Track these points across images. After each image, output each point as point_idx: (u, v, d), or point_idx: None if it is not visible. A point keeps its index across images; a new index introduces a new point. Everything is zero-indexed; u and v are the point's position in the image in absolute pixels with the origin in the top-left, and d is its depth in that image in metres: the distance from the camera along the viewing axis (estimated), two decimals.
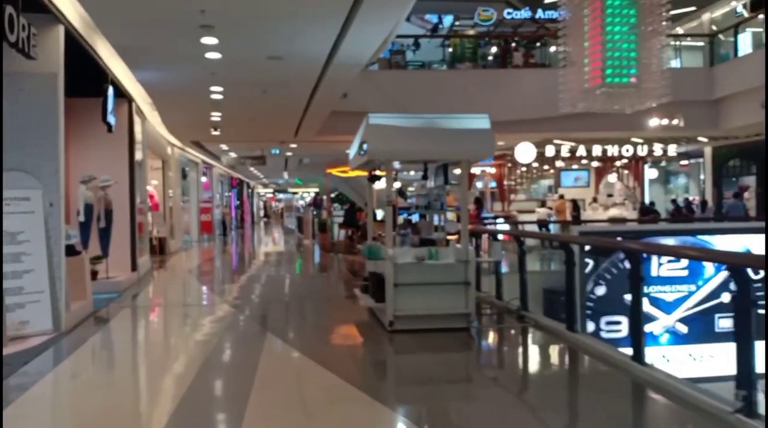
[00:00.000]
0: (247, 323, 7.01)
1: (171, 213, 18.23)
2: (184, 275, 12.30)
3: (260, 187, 53.55)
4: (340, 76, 9.64)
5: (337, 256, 15.55)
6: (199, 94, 10.77)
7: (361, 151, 6.48)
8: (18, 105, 6.24)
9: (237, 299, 8.77)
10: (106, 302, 8.42)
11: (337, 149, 20.63)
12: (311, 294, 9.57)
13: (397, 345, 6.00)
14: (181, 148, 19.82)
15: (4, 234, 5.98)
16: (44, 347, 5.75)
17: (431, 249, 6.25)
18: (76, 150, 10.68)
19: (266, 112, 12.76)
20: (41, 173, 6.29)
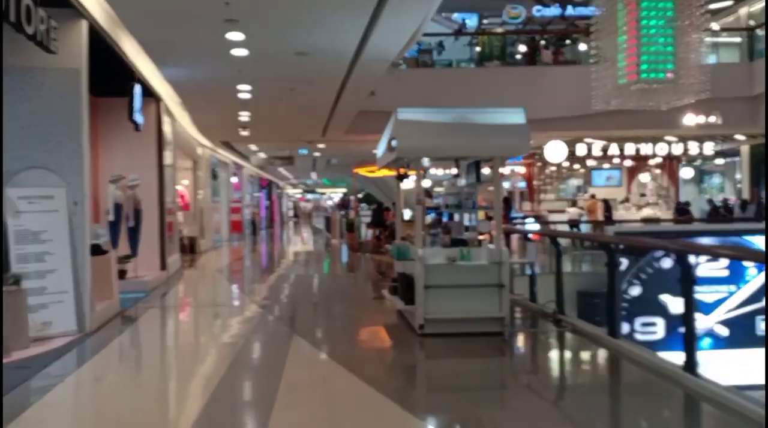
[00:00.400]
0: (274, 324, 6.83)
1: (201, 212, 18.30)
2: (213, 274, 12.24)
3: (289, 188, 53.78)
4: (367, 72, 9.41)
5: (364, 256, 15.34)
6: (226, 93, 10.67)
7: (389, 148, 6.25)
8: (39, 101, 6.17)
9: (265, 299, 8.61)
10: (133, 301, 8.35)
11: (365, 149, 20.45)
12: (339, 295, 9.37)
13: (428, 350, 5.75)
14: (212, 149, 19.89)
15: (28, 232, 5.92)
16: (67, 348, 5.65)
17: (463, 250, 5.98)
18: (105, 149, 10.69)
19: (294, 111, 12.62)
20: (65, 171, 6.20)
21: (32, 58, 6.02)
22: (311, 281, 11.03)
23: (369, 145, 19.40)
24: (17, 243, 5.83)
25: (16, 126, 6.12)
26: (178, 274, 11.71)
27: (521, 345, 6.11)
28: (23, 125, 6.14)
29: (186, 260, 14.70)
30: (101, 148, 10.72)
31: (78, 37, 6.23)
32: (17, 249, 5.82)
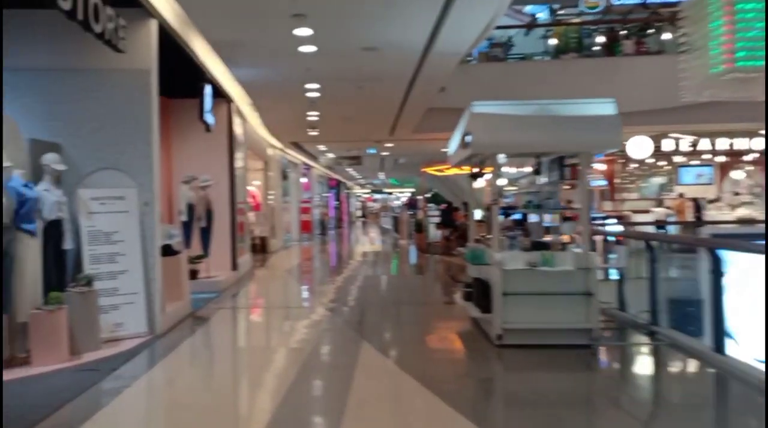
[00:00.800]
0: (342, 329, 6.58)
1: (272, 213, 18.49)
2: (283, 274, 12.22)
3: (357, 188, 54.10)
4: (438, 67, 9.02)
5: (433, 258, 14.95)
6: (295, 92, 10.58)
7: (463, 144, 5.84)
8: (111, 103, 6.19)
9: (333, 301, 8.41)
10: (204, 302, 8.35)
11: (433, 148, 20.05)
12: (408, 299, 9.03)
13: (507, 362, 5.31)
14: (282, 150, 20.09)
15: (100, 233, 5.93)
16: (137, 350, 5.60)
17: (545, 254, 5.49)
18: (177, 150, 10.85)
19: (362, 110, 12.41)
20: (135, 172, 6.19)
21: (104, 60, 6.04)
22: (379, 283, 10.77)
23: (438, 144, 18.99)
24: (89, 244, 5.85)
25: (89, 128, 6.18)
26: (249, 274, 11.75)
27: (611, 360, 5.55)
28: (96, 127, 6.18)
29: (257, 260, 14.82)
30: (173, 149, 10.90)
31: (148, 37, 6.21)
32: (90, 249, 5.85)
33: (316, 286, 10.73)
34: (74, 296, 5.31)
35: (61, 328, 5.04)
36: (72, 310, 5.26)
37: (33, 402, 4.21)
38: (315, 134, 15.73)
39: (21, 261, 5.05)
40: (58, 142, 6.11)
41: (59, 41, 6.07)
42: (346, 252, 18.77)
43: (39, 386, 4.50)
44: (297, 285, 10.73)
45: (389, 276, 12.06)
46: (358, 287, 10.20)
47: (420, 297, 9.18)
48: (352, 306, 8.14)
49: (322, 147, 19.81)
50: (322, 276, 12.31)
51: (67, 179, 6.08)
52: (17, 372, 4.76)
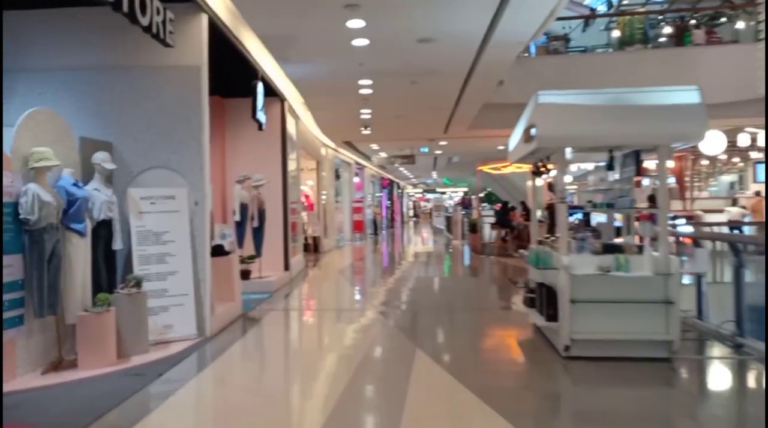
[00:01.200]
0: (395, 335, 6.26)
1: (325, 212, 18.40)
2: (335, 275, 12.01)
3: (410, 187, 53.80)
4: (497, 58, 8.57)
5: (488, 259, 14.44)
6: (348, 89, 10.34)
7: (526, 137, 5.40)
8: (163, 100, 6.08)
9: (385, 304, 8.10)
10: (255, 303, 8.21)
11: (489, 145, 19.48)
12: (464, 303, 8.62)
13: (575, 376, 4.84)
14: (335, 149, 19.98)
15: (150, 233, 5.82)
16: (185, 354, 5.45)
17: (619, 258, 5.00)
18: (232, 150, 10.81)
19: (416, 107, 12.06)
20: (186, 171, 6.06)
21: (155, 57, 5.95)
22: (432, 285, 10.39)
23: (493, 141, 18.41)
24: (139, 245, 5.75)
25: (142, 126, 6.09)
26: (302, 275, 11.60)
27: (694, 376, 4.99)
28: (147, 125, 6.09)
29: (310, 260, 14.71)
30: (228, 149, 10.86)
31: (198, 33, 6.06)
32: (139, 250, 5.74)
33: (368, 288, 10.46)
34: (122, 298, 5.20)
35: (108, 331, 4.93)
36: (120, 312, 5.14)
37: (77, 407, 4.08)
38: (368, 133, 15.48)
39: (70, 261, 4.97)
40: (110, 140, 6.05)
41: (111, 39, 6.02)
42: (398, 252, 18.46)
43: (84, 390, 4.38)
44: (349, 287, 10.48)
45: (442, 278, 11.67)
46: (410, 289, 9.86)
47: (476, 302, 8.75)
48: (404, 310, 7.80)
49: (375, 146, 19.56)
50: (374, 278, 12.03)
51: (118, 178, 6.02)
52: (64, 375, 4.66)
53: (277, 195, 10.73)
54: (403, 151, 20.67)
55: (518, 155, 6.30)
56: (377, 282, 11.22)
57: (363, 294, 9.36)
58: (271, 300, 8.56)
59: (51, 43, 6.05)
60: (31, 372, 4.66)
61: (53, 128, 5.12)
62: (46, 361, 4.79)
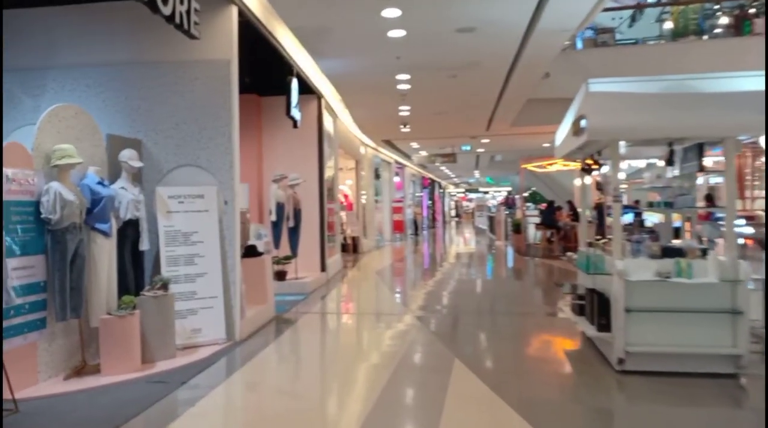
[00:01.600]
0: (433, 342, 5.90)
1: (364, 212, 18.16)
2: (373, 277, 11.72)
3: (451, 187, 53.17)
4: (542, 49, 8.10)
5: (533, 261, 13.88)
6: (385, 84, 10.03)
7: (575, 130, 4.96)
8: (192, 96, 5.89)
9: (424, 308, 7.75)
10: (290, 305, 7.99)
11: (533, 142, 18.86)
12: (506, 308, 8.17)
13: (630, 393, 4.39)
14: (374, 148, 19.72)
15: (178, 233, 5.63)
16: (214, 359, 5.23)
17: (681, 262, 4.51)
18: (269, 149, 10.65)
19: (456, 102, 11.66)
20: (216, 169, 5.86)
21: (184, 52, 5.78)
22: (474, 289, 9.96)
23: (538, 138, 17.79)
24: (167, 245, 5.57)
25: (171, 122, 5.92)
26: (339, 276, 11.35)
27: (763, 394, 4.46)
28: (176, 122, 5.91)
29: (348, 260, 14.48)
30: (264, 148, 10.72)
31: (227, 25, 5.85)
32: (167, 251, 5.56)
33: (407, 290, 10.12)
34: (148, 300, 5.02)
35: (132, 335, 4.75)
36: (145, 316, 4.96)
37: (97, 415, 3.89)
38: (407, 131, 15.15)
39: (94, 262, 4.81)
40: (139, 137, 5.90)
41: (140, 34, 5.88)
42: (439, 253, 18.05)
43: (104, 398, 4.19)
44: (386, 289, 10.17)
45: (484, 280, 11.22)
46: (450, 292, 9.47)
47: (519, 306, 8.29)
48: (443, 315, 7.43)
49: (415, 144, 19.20)
50: (413, 280, 11.69)
51: (148, 176, 5.87)
52: (87, 381, 4.50)
53: (314, 194, 10.51)
54: (444, 149, 20.25)
55: (566, 150, 5.85)
56: (416, 284, 10.87)
57: (401, 297, 9.03)
58: (306, 302, 8.33)
59: (82, 39, 5.94)
60: (54, 377, 4.52)
61: (78, 125, 4.97)
62: (69, 366, 4.64)
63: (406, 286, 10.67)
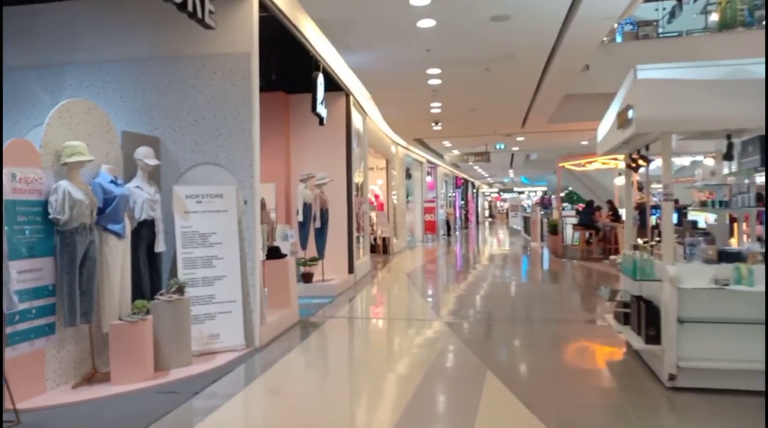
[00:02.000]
0: (463, 352, 5.52)
1: (395, 213, 17.83)
2: (403, 279, 11.37)
3: (485, 187, 52.43)
4: (582, 38, 7.62)
5: (570, 263, 13.32)
6: (415, 80, 9.67)
7: (621, 121, 4.53)
8: (212, 91, 5.65)
9: (454, 314, 7.36)
10: (315, 308, 7.71)
11: (570, 140, 18.23)
12: (541, 314, 7.72)
13: (683, 413, 3.93)
14: (406, 148, 19.36)
15: (196, 234, 5.39)
16: (231, 366, 4.97)
17: (741, 268, 4.04)
18: (296, 147, 10.42)
19: (490, 98, 11.22)
20: (235, 167, 5.60)
21: (203, 45, 5.56)
22: (507, 292, 9.52)
23: (575, 136, 17.16)
24: (184, 247, 5.33)
25: (189, 119, 5.69)
26: (367, 278, 11.04)
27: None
28: (196, 118, 5.68)
29: (378, 262, 14.16)
30: (292, 147, 10.49)
31: (247, 16, 5.58)
32: (184, 253, 5.32)
33: (437, 293, 9.74)
34: (162, 305, 4.78)
35: (144, 342, 4.51)
36: (159, 321, 4.72)
37: None
38: (438, 129, 14.76)
39: (107, 265, 4.59)
40: (157, 135, 5.69)
41: (158, 28, 5.68)
42: (471, 254, 17.58)
43: (110, 410, 3.95)
44: (416, 292, 9.80)
45: (519, 284, 10.75)
46: (482, 297, 9.05)
47: (556, 313, 7.82)
48: (475, 321, 7.03)
49: (447, 143, 18.77)
50: (445, 283, 11.29)
51: (165, 175, 5.65)
52: (96, 390, 4.27)
53: (342, 194, 10.23)
54: (477, 148, 19.75)
55: (609, 145, 5.40)
56: (447, 287, 10.48)
57: (431, 301, 8.65)
58: (332, 306, 8.03)
59: (100, 34, 5.77)
60: (62, 385, 4.31)
61: (91, 121, 4.77)
62: (79, 373, 4.43)
63: (437, 289, 10.29)
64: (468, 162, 19.42)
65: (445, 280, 11.60)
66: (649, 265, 4.45)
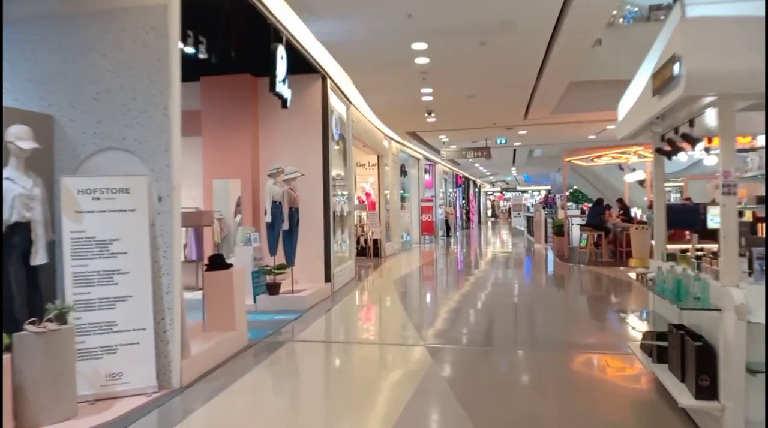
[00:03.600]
0: (443, 394, 4.21)
1: (388, 213, 16.51)
2: (388, 288, 10.07)
3: (487, 186, 51.10)
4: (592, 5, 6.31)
5: (578, 268, 12.00)
6: (399, 58, 8.37)
7: (660, 83, 3.22)
8: (120, 55, 4.36)
9: (442, 336, 6.07)
10: (276, 327, 6.42)
11: (575, 134, 16.88)
12: (549, 338, 6.40)
13: None
14: (400, 143, 18.05)
15: (91, 241, 4.10)
16: (135, 416, 3.68)
17: None
18: (267, 139, 9.15)
19: (488, 82, 9.90)
20: (147, 153, 4.31)
21: None
22: (506, 308, 8.20)
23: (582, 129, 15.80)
24: (75, 258, 4.03)
25: (92, 92, 4.41)
26: (349, 287, 9.74)
27: None
28: (100, 90, 4.39)
29: (366, 266, 12.88)
30: (261, 138, 9.21)
31: None
32: (75, 265, 4.03)
33: (425, 306, 8.45)
34: (29, 339, 3.49)
35: None
36: (25, 360, 3.44)
37: None
38: (433, 121, 13.44)
39: None
40: (51, 113, 4.41)
41: None
42: (470, 258, 16.27)
43: None
44: (401, 306, 8.49)
45: (521, 294, 9.44)
46: (478, 312, 7.75)
47: (566, 335, 6.48)
48: (466, 347, 5.72)
49: (444, 137, 17.44)
50: (435, 293, 10.00)
51: (62, 164, 4.38)
52: None
53: (318, 190, 8.95)
54: (477, 143, 18.42)
55: (637, 123, 4.12)
56: (438, 298, 9.18)
57: (416, 318, 7.36)
58: (298, 323, 6.76)
59: None
60: None
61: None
62: None
63: (425, 301, 8.99)
64: (467, 157, 18.08)
65: (437, 289, 10.30)
66: (701, 287, 3.14)
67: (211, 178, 8.95)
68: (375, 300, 9.19)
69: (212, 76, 8.85)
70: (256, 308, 7.70)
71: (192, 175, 9.11)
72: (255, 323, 6.53)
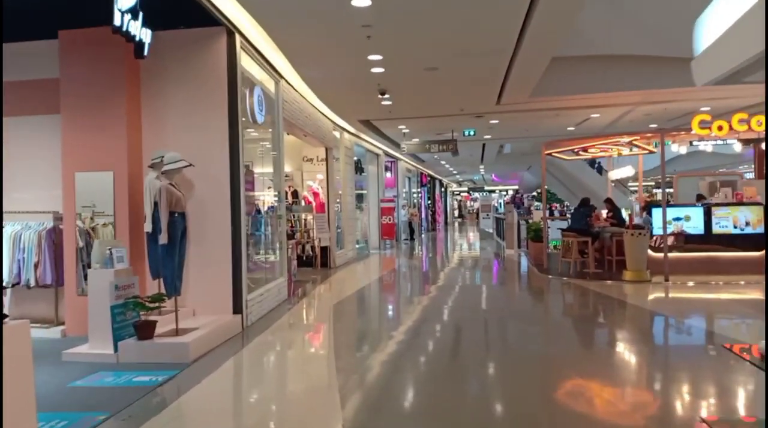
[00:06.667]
0: None
1: (338, 215, 14.15)
2: (324, 317, 7.76)
3: (454, 185, 49.25)
4: None
5: (560, 282, 9.92)
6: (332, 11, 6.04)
7: None
8: None
9: (371, 410, 3.76)
10: (130, 399, 4.05)
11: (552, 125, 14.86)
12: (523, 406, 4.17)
13: None
14: (355, 135, 15.71)
15: None
16: None
17: None
18: (152, 117, 6.71)
19: (453, 47, 7.64)
20: None
21: None
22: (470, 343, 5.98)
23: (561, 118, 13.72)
24: None
25: None
26: (271, 318, 7.34)
27: None
28: None
29: (308, 281, 10.52)
30: (145, 114, 6.75)
31: None
32: None
33: (363, 347, 6.15)
34: None
35: None
36: None
37: None
38: (388, 103, 11.13)
39: None
40: None
41: None
42: (433, 268, 14.06)
43: None
44: (329, 347, 6.15)
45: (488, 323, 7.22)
46: (431, 353, 5.50)
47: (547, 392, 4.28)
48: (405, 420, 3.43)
49: (403, 127, 15.15)
50: (383, 320, 7.74)
51: None
52: None
53: (221, 186, 6.55)
54: (442, 135, 16.21)
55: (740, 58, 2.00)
56: (383, 330, 6.89)
57: (345, 368, 5.04)
58: (161, 392, 4.36)
59: None
60: None
61: None
62: None
63: (366, 337, 6.67)
64: (431, 151, 15.82)
65: (387, 313, 8.02)
66: None
67: (72, 171, 6.47)
68: (297, 337, 6.84)
69: (75, 29, 6.40)
70: (117, 360, 5.30)
71: (51, 167, 6.65)
72: (93, 393, 4.16)
